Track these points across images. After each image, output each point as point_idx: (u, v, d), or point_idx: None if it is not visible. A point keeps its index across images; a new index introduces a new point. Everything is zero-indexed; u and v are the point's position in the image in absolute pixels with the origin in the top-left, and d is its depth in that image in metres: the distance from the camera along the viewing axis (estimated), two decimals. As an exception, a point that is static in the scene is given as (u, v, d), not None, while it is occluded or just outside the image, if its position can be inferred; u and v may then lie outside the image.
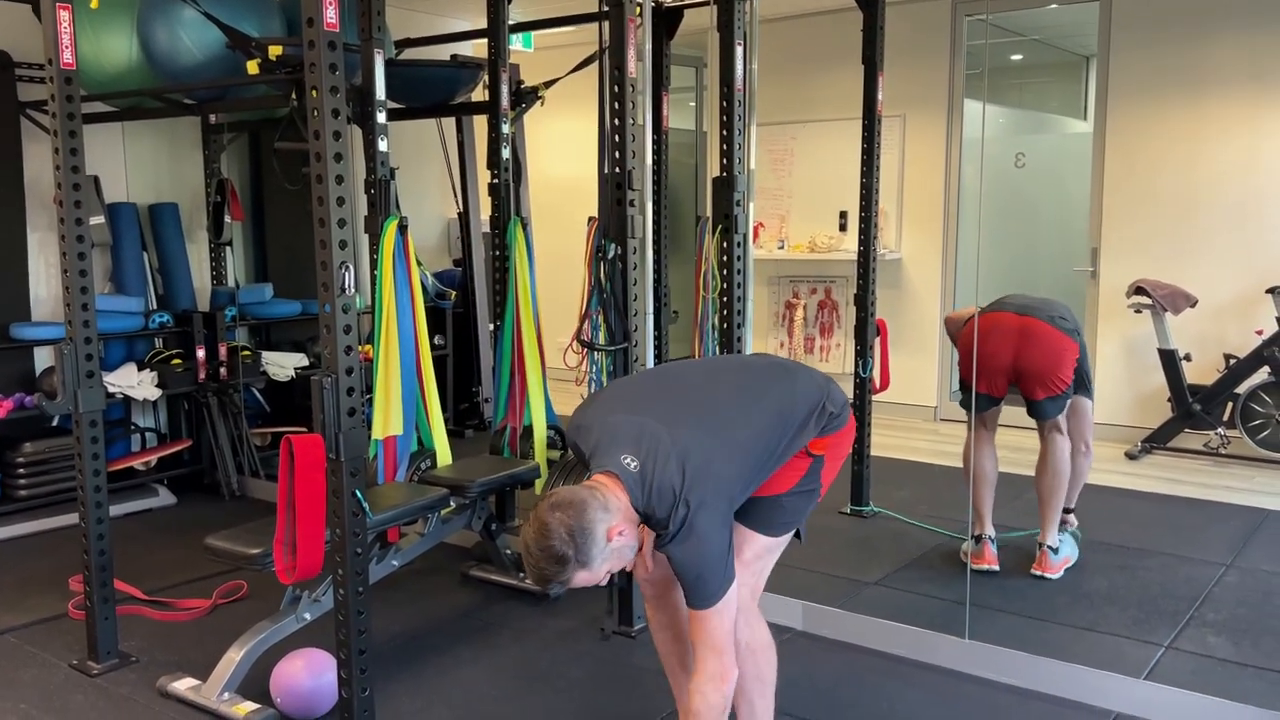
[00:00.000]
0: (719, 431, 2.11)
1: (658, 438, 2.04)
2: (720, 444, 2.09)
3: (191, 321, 4.84)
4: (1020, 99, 8.17)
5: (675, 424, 2.08)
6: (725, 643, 2.05)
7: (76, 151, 2.95)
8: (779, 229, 6.73)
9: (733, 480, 2.10)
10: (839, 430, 2.32)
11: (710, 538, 2.00)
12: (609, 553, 1.99)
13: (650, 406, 2.14)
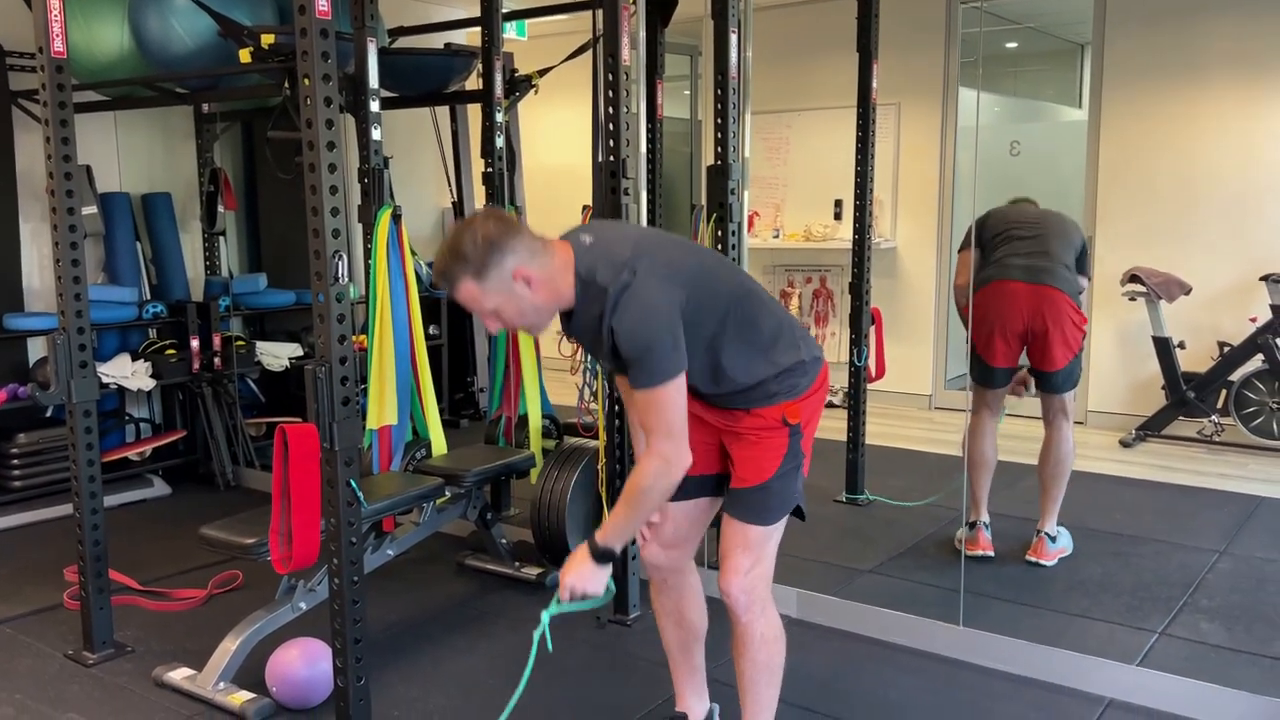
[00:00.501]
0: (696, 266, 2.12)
1: (624, 237, 2.08)
2: (691, 262, 2.10)
3: (185, 312, 4.82)
4: (1015, 87, 8.17)
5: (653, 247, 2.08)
6: (678, 426, 2.00)
7: (68, 141, 2.93)
8: (774, 218, 6.73)
9: (691, 279, 2.03)
10: (810, 391, 2.27)
11: (656, 306, 1.95)
12: (506, 287, 1.95)
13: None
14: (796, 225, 6.62)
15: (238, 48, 3.52)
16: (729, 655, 2.31)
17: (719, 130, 3.60)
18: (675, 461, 2.01)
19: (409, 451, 3.67)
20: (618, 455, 3.26)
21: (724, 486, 2.32)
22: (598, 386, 3.32)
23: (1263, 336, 5.03)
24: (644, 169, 3.28)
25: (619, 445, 3.26)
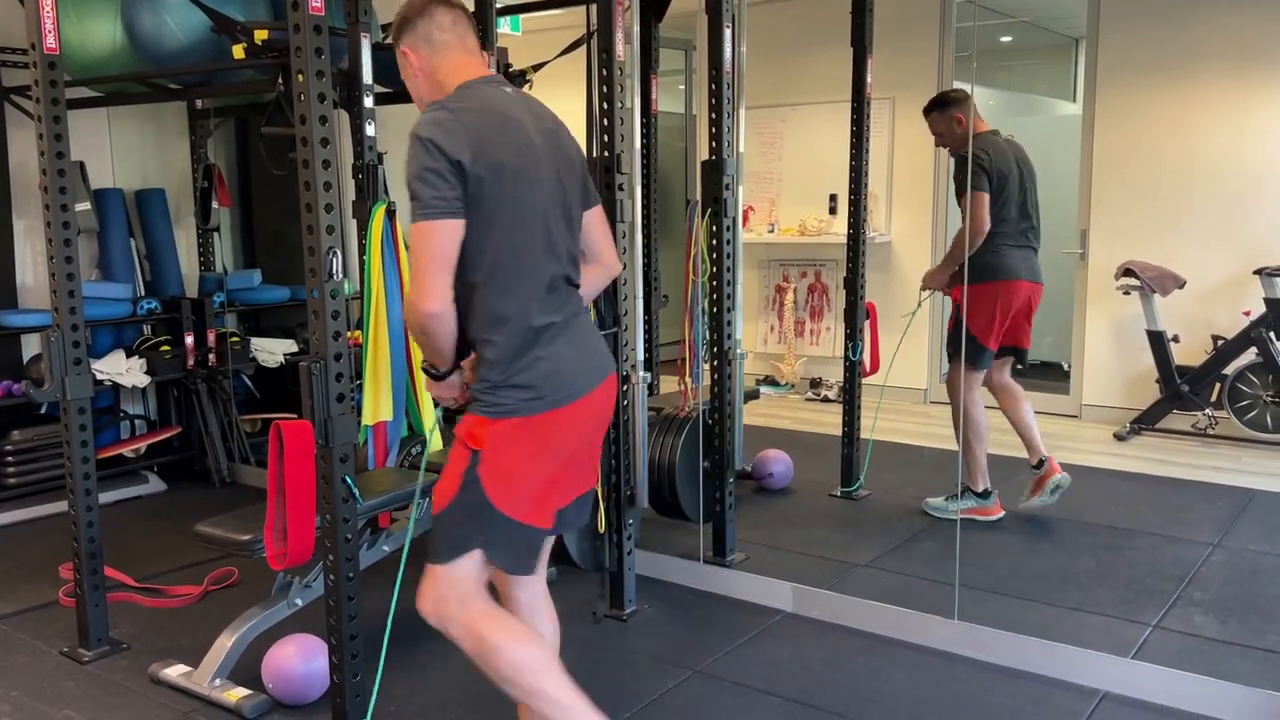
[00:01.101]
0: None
1: (510, 101, 2.12)
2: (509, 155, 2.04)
3: (180, 308, 4.82)
4: (1009, 81, 8.16)
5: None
6: (420, 269, 1.94)
7: (61, 137, 2.93)
8: (769, 212, 6.73)
9: (486, 155, 1.97)
10: (513, 420, 1.99)
11: (420, 138, 1.96)
12: (401, 56, 2.15)
13: None
14: (791, 220, 6.62)
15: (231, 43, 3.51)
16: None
17: (713, 125, 3.60)
18: (413, 304, 1.97)
19: (404, 447, 3.66)
20: (613, 451, 3.27)
21: None
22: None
23: (1256, 330, 5.05)
24: (638, 164, 3.28)
25: (615, 441, 3.27)
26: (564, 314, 2.06)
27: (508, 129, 2.03)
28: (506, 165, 1.99)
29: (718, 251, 3.64)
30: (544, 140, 2.09)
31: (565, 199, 2.11)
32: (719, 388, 3.71)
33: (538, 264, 2.03)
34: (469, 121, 1.98)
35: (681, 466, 3.85)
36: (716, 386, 3.72)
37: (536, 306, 2.01)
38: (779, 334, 6.76)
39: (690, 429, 3.88)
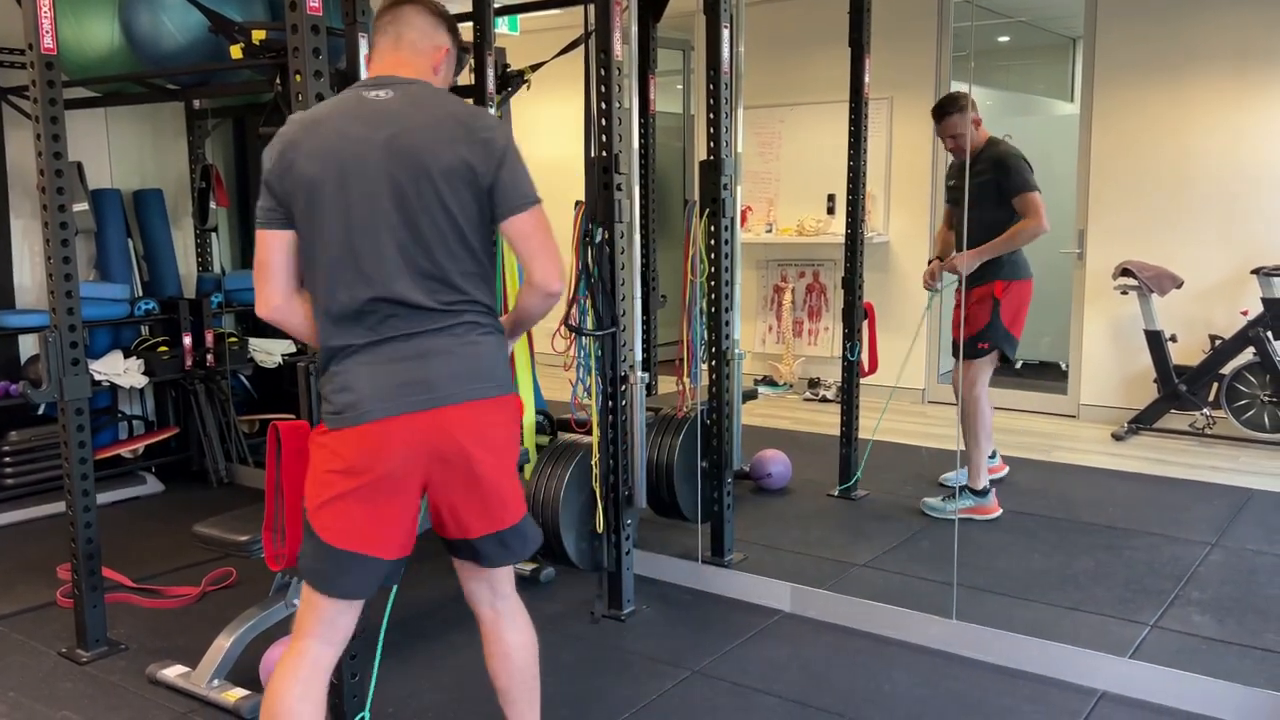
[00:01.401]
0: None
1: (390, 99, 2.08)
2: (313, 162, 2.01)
3: (178, 308, 4.82)
4: (1007, 81, 8.18)
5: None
6: (258, 270, 2.05)
7: (59, 138, 2.92)
8: (767, 212, 6.73)
9: (285, 157, 2.01)
10: (326, 428, 1.98)
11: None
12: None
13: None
14: (789, 220, 6.63)
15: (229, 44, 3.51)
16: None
17: (711, 125, 3.60)
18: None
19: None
20: (611, 451, 3.27)
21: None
22: (591, 382, 3.32)
23: (1254, 329, 5.05)
24: (636, 164, 3.28)
25: (613, 441, 3.27)
26: (375, 336, 1.94)
27: (324, 143, 1.95)
28: (305, 181, 1.94)
29: (716, 251, 3.64)
30: (384, 151, 1.93)
31: (410, 213, 1.92)
32: (717, 388, 3.71)
33: (332, 286, 1.94)
34: (290, 135, 1.99)
35: (680, 467, 3.85)
36: (715, 386, 3.72)
37: (332, 328, 1.96)
38: (777, 334, 6.76)
39: (688, 429, 3.88)
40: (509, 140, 2.01)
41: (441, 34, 2.10)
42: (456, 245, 1.96)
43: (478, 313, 2.01)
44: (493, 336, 2.04)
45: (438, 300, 1.95)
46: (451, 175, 1.93)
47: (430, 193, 1.93)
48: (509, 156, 1.98)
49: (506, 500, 2.06)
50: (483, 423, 1.99)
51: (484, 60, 4.28)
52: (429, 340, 1.95)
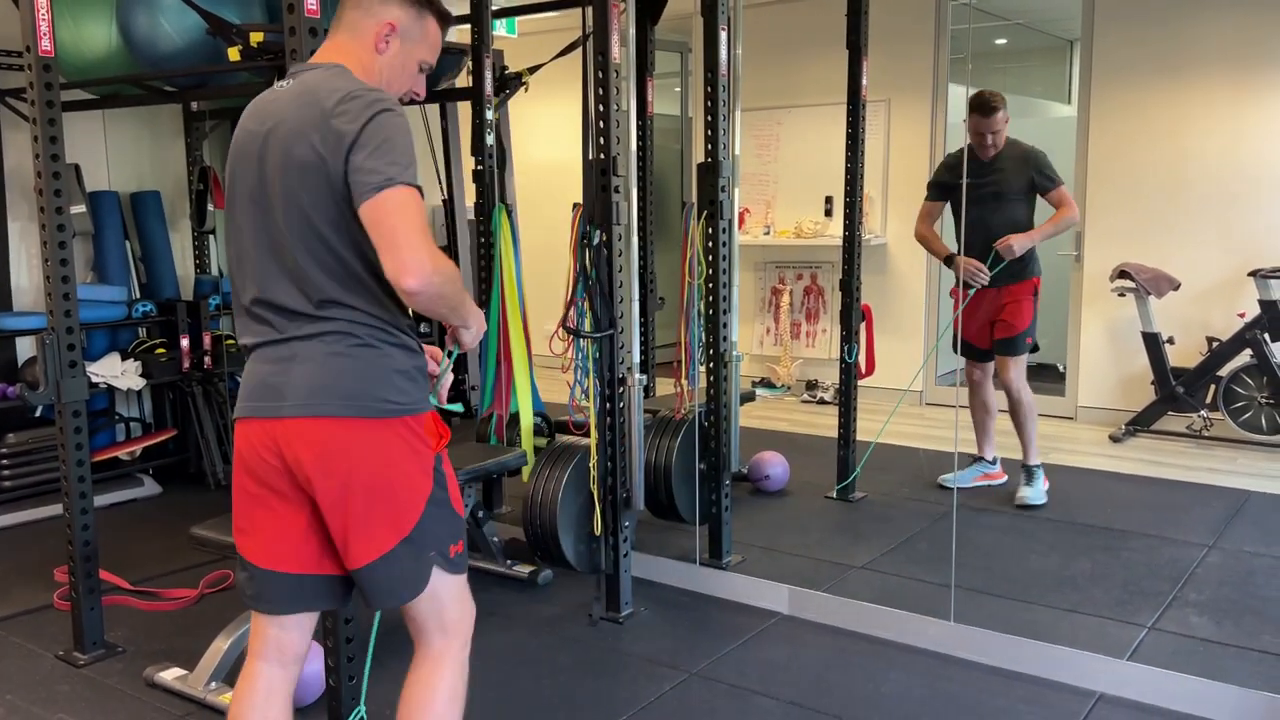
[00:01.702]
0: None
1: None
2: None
3: (175, 310, 4.81)
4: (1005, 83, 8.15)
5: None
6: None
7: (56, 140, 2.92)
8: (765, 214, 6.74)
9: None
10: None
11: None
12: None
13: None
14: (787, 222, 6.63)
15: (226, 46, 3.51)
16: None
17: (709, 127, 3.61)
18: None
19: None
20: (610, 454, 3.27)
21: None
22: (589, 384, 3.32)
23: (1251, 331, 5.06)
24: (634, 166, 3.28)
25: (611, 443, 3.27)
26: (259, 338, 1.87)
27: (242, 133, 1.90)
28: (228, 176, 1.92)
29: (713, 254, 3.64)
30: (261, 147, 1.84)
31: (275, 212, 1.81)
32: (715, 390, 3.71)
33: (237, 286, 1.91)
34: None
35: (678, 469, 3.86)
36: (713, 388, 3.72)
37: (239, 326, 1.93)
38: (775, 336, 6.77)
39: (686, 431, 3.88)
40: (370, 120, 1.74)
41: (390, 6, 1.89)
42: (317, 246, 1.78)
43: (352, 322, 1.81)
44: (367, 350, 1.81)
45: (310, 304, 1.81)
46: (305, 170, 1.77)
47: (289, 190, 1.79)
48: (364, 137, 1.72)
49: (350, 538, 1.83)
50: (326, 445, 1.79)
51: (482, 63, 4.28)
52: (298, 346, 1.82)
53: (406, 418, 1.84)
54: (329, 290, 1.80)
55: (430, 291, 1.72)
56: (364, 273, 1.80)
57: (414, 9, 1.93)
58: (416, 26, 1.94)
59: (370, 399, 1.80)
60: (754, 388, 6.53)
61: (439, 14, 1.97)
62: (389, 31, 1.90)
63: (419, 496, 1.85)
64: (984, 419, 4.43)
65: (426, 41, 1.96)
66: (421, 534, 1.84)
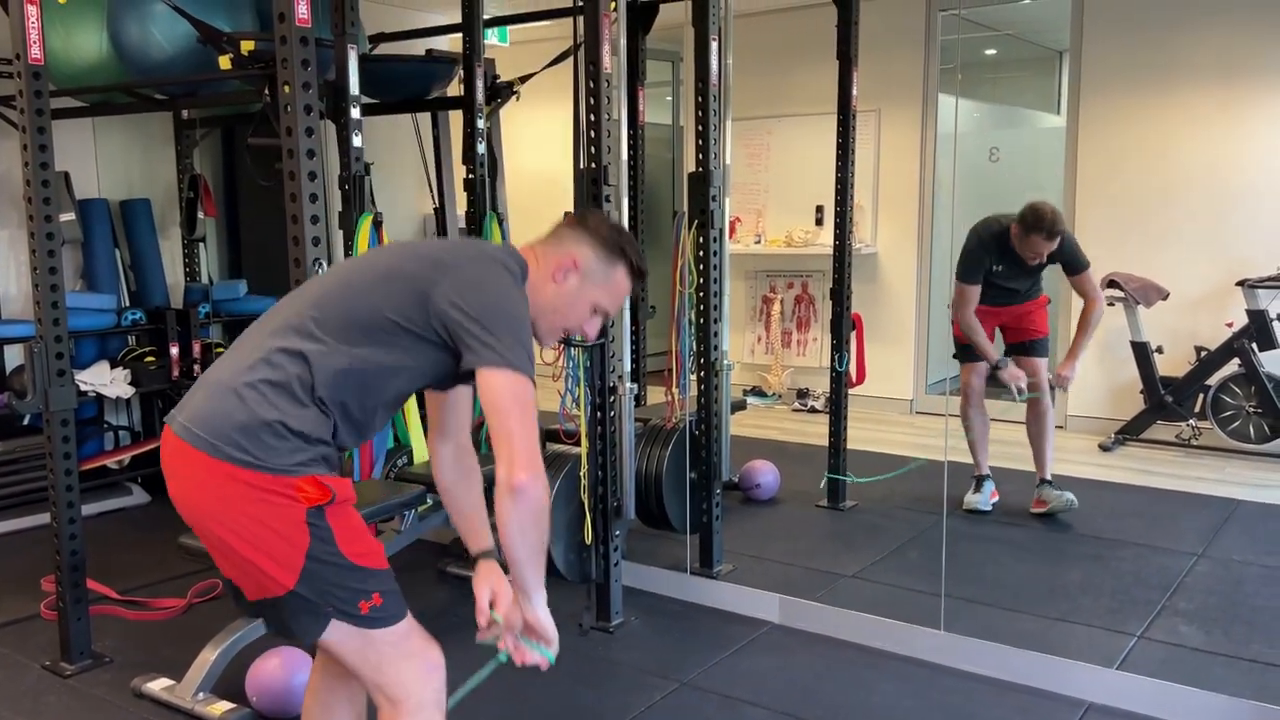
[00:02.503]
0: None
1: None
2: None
3: (165, 318, 4.79)
4: (994, 94, 8.22)
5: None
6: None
7: (46, 148, 2.91)
8: (756, 223, 6.75)
9: None
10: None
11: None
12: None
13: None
14: (778, 231, 6.64)
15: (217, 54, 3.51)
16: None
17: (700, 137, 3.61)
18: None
19: (390, 459, 3.65)
20: (600, 462, 3.26)
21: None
22: (580, 393, 3.32)
23: (1239, 341, 5.08)
24: (625, 175, 3.29)
25: (602, 452, 3.26)
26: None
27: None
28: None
29: (704, 263, 3.65)
30: (397, 247, 2.03)
31: (350, 274, 1.94)
32: (706, 398, 3.71)
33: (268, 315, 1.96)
34: None
35: (668, 478, 3.85)
36: (703, 397, 3.72)
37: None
38: (766, 345, 6.77)
39: (677, 440, 3.88)
40: (488, 283, 1.81)
41: (583, 247, 1.92)
42: (360, 309, 1.80)
43: (280, 377, 1.76)
44: (262, 403, 1.73)
45: (277, 344, 1.80)
46: (406, 277, 1.82)
47: (381, 273, 1.86)
48: (474, 298, 1.78)
49: (231, 576, 1.83)
50: (177, 471, 1.78)
51: (473, 72, 4.29)
52: (229, 374, 1.81)
53: (258, 473, 1.71)
54: (311, 340, 1.77)
55: (533, 495, 1.76)
56: (371, 356, 1.78)
57: (605, 253, 1.93)
58: (601, 270, 1.94)
59: (224, 441, 1.72)
60: (745, 396, 6.52)
61: (632, 267, 1.97)
62: (570, 266, 1.92)
63: (290, 552, 1.73)
64: (984, 431, 4.39)
65: (609, 287, 1.96)
66: (310, 590, 1.74)
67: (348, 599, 1.77)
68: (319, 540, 1.75)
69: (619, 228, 2.02)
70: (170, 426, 1.79)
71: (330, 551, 1.76)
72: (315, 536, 1.74)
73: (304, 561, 1.73)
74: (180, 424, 1.77)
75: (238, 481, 1.71)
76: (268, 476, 1.71)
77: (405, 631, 1.87)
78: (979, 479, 4.39)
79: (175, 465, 1.79)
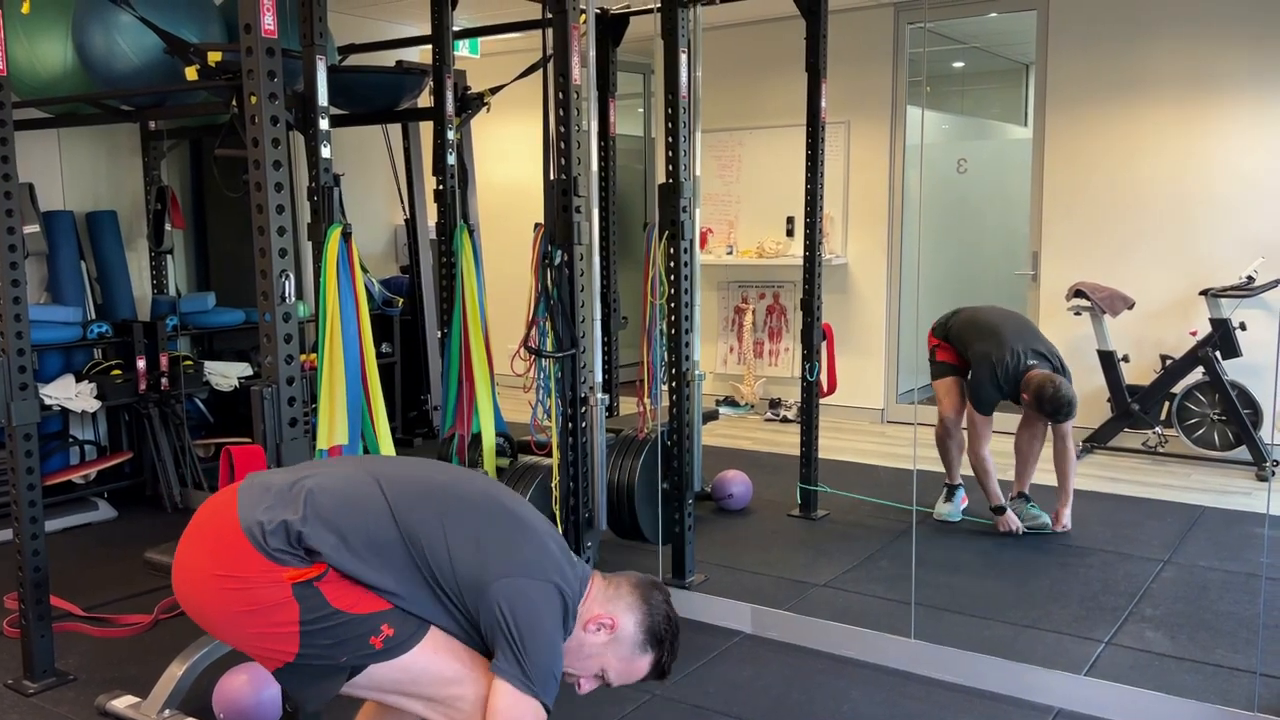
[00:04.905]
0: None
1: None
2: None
3: (132, 331, 4.74)
4: (962, 105, 8.31)
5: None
6: None
7: (8, 159, 2.88)
8: (727, 235, 6.77)
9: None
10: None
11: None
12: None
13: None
14: (749, 242, 6.67)
15: (184, 65, 3.49)
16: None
17: (670, 149, 3.63)
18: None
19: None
20: (572, 473, 3.26)
21: None
22: (551, 404, 3.32)
23: (1203, 349, 5.15)
24: (595, 186, 3.29)
25: (573, 463, 3.26)
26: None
27: None
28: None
29: (675, 273, 3.66)
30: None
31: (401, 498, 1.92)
32: (678, 409, 3.72)
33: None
34: None
35: (640, 488, 3.85)
36: (675, 407, 3.73)
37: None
38: (738, 355, 6.80)
39: (649, 450, 3.88)
40: (530, 607, 1.82)
41: (627, 614, 1.93)
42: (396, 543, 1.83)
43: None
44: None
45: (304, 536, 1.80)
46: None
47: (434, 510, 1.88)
48: (514, 622, 1.80)
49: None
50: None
51: (443, 83, 4.29)
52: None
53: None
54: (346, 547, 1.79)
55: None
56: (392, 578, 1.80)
57: (642, 637, 1.93)
58: (630, 649, 1.94)
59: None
60: (717, 406, 6.55)
61: (658, 666, 1.96)
62: (608, 624, 1.92)
63: (284, 627, 1.76)
64: (958, 454, 4.36)
65: (626, 667, 1.95)
66: (315, 655, 1.77)
67: (359, 649, 1.78)
68: (307, 610, 1.75)
69: (674, 620, 1.97)
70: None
71: (322, 616, 1.76)
72: (306, 607, 1.75)
73: (299, 629, 1.75)
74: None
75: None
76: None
77: (433, 646, 1.84)
78: (950, 488, 4.42)
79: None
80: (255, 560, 1.75)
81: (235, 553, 1.76)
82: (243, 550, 1.76)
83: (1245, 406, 5.05)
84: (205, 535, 1.84)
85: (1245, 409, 5.04)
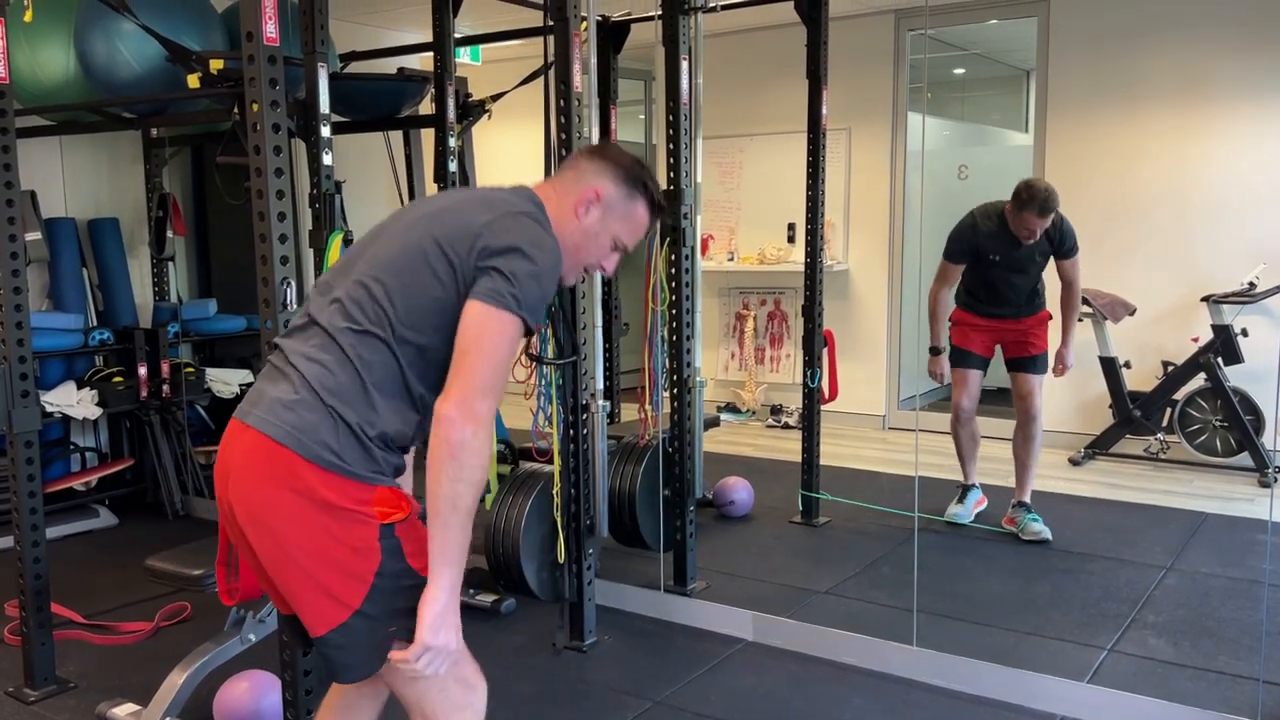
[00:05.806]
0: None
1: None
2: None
3: (133, 338, 4.75)
4: (962, 112, 8.32)
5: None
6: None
7: (10, 166, 2.89)
8: (729, 241, 6.78)
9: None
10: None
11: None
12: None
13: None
14: (750, 248, 6.68)
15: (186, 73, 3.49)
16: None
17: (670, 155, 3.64)
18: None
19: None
20: (573, 480, 3.26)
21: None
22: (552, 411, 3.32)
23: (1204, 356, 5.15)
24: (597, 194, 3.29)
25: (574, 470, 3.26)
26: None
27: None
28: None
29: (676, 280, 3.66)
30: (416, 208, 1.96)
31: (376, 242, 1.93)
32: (679, 415, 3.72)
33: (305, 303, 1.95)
34: None
35: (642, 495, 3.85)
36: (677, 414, 3.73)
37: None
38: (739, 361, 6.79)
39: (650, 457, 3.88)
40: (516, 241, 1.73)
41: (603, 178, 1.89)
42: (397, 288, 1.76)
43: (359, 358, 1.73)
44: (340, 392, 1.71)
45: (339, 324, 1.76)
46: (431, 250, 1.76)
47: (415, 237, 1.80)
48: (503, 255, 1.72)
49: (293, 604, 1.76)
50: (250, 467, 1.74)
51: (444, 90, 4.29)
52: (299, 360, 1.78)
53: (343, 478, 1.68)
54: (366, 322, 1.73)
55: (455, 435, 1.61)
56: (416, 348, 1.73)
57: (626, 186, 1.90)
58: (622, 204, 1.91)
59: (312, 440, 1.67)
60: (719, 413, 6.54)
61: (651, 201, 1.94)
62: (593, 199, 1.89)
63: (361, 565, 1.68)
64: (972, 448, 4.40)
65: (629, 221, 1.93)
66: (375, 608, 1.69)
67: (412, 619, 1.69)
68: (390, 557, 1.70)
69: (640, 160, 1.96)
70: (243, 421, 1.78)
71: (398, 568, 1.72)
72: (387, 553, 1.70)
73: (371, 580, 1.69)
74: (257, 426, 1.74)
75: (324, 486, 1.68)
76: (351, 482, 1.69)
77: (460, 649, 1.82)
78: (965, 488, 4.41)
79: (241, 458, 1.76)
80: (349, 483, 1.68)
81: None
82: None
83: (1247, 412, 5.04)
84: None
85: (1247, 415, 5.04)
